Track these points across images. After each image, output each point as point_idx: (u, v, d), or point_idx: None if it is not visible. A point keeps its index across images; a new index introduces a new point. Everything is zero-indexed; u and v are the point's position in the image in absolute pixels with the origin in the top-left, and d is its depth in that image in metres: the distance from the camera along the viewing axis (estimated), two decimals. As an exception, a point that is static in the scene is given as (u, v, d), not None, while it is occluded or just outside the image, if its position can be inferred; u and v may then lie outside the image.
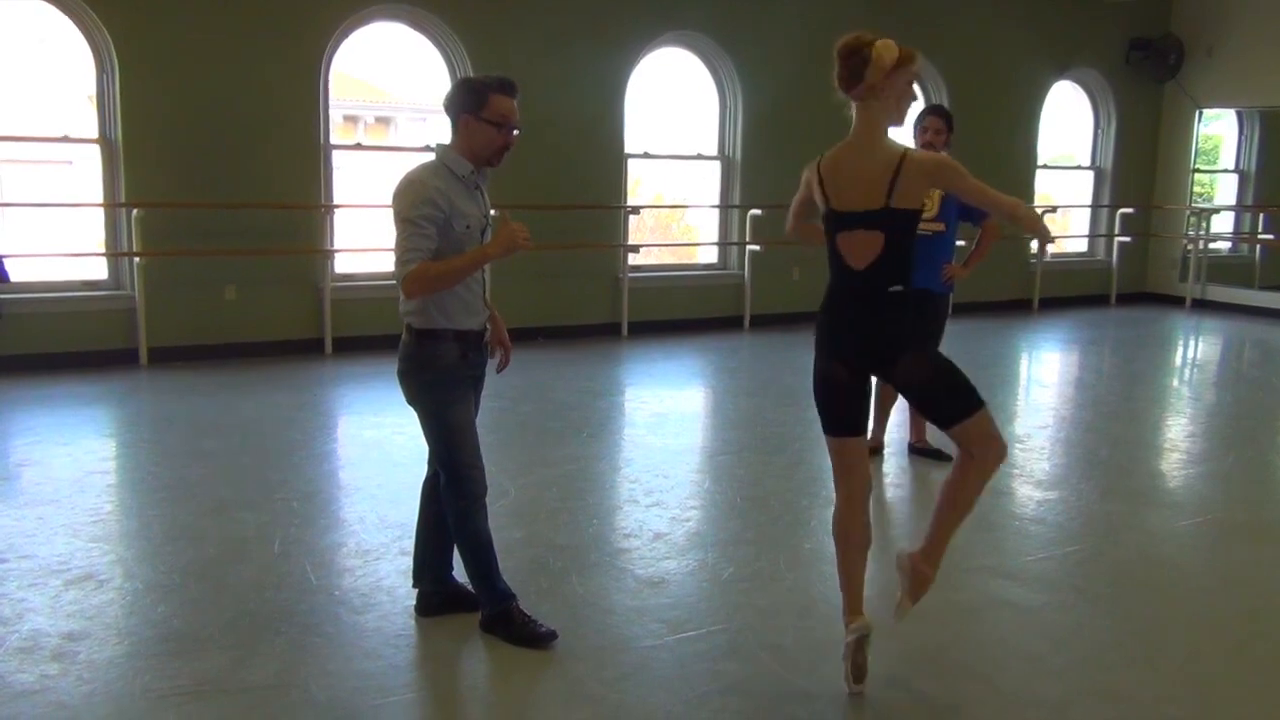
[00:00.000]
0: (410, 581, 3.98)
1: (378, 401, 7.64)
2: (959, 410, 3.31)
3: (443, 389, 3.63)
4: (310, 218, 8.88)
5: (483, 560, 3.74)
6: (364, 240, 11.01)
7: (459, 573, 3.93)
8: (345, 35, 9.03)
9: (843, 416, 3.45)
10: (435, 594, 3.93)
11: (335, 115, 10.16)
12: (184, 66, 8.30)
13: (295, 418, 6.98)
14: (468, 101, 3.52)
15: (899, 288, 3.35)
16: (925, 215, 5.88)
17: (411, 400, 3.71)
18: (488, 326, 3.77)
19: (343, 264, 9.36)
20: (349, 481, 5.78)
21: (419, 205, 3.45)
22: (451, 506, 3.71)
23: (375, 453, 6.17)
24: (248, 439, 6.36)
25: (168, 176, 8.32)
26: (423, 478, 3.95)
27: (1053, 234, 3.29)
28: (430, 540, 3.91)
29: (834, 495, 3.53)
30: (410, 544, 4.55)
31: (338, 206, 9.19)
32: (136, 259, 8.22)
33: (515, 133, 3.57)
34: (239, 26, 8.45)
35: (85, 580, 4.17)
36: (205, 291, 8.57)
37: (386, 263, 10.37)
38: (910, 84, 3.38)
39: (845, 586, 3.51)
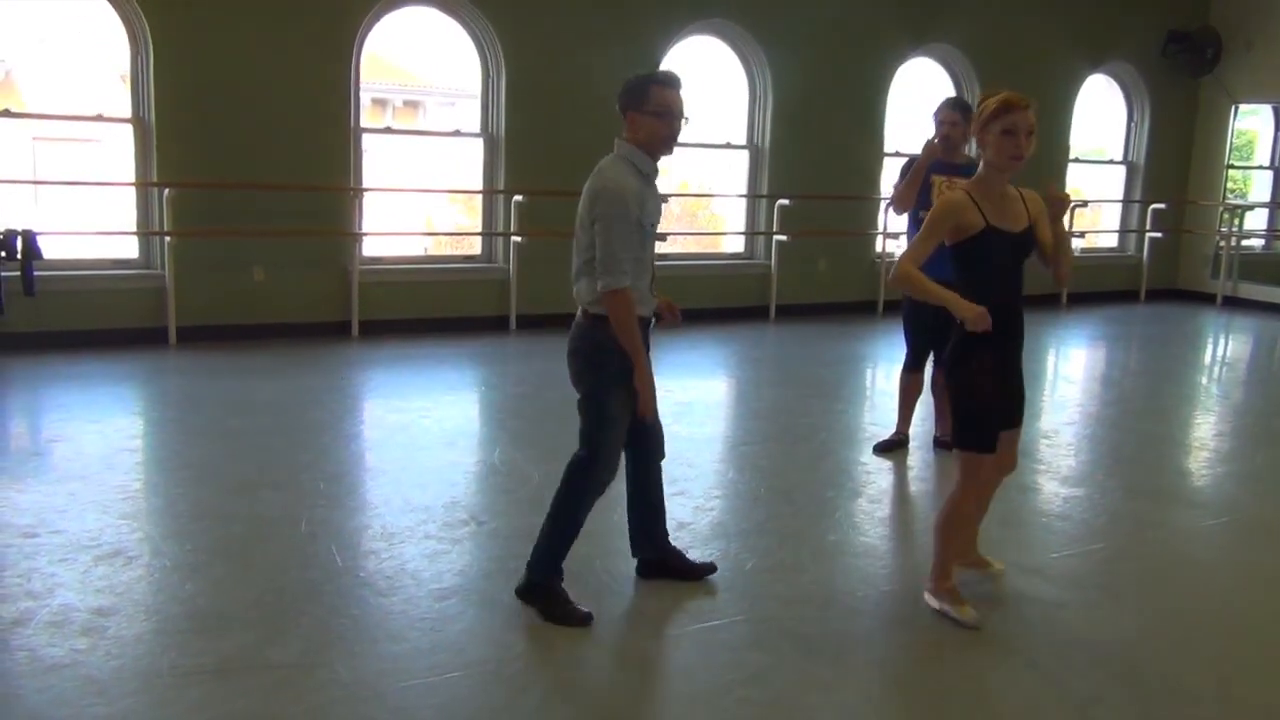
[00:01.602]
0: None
1: (404, 385, 7.69)
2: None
3: (610, 374, 3.77)
4: (339, 200, 8.92)
5: (560, 538, 3.85)
6: (392, 224, 11.06)
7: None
8: (378, 18, 9.04)
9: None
10: (654, 561, 4.15)
11: (364, 98, 10.17)
12: (217, 47, 8.34)
13: (322, 400, 7.02)
14: (631, 98, 3.74)
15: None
16: None
17: (577, 380, 3.87)
18: (654, 316, 3.95)
19: (371, 247, 9.40)
20: (375, 464, 5.81)
21: (626, 208, 3.66)
22: (572, 479, 3.84)
23: (401, 436, 6.20)
24: (274, 420, 6.40)
25: (199, 157, 8.37)
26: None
27: (981, 322, 3.78)
28: (640, 509, 4.11)
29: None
30: (435, 528, 4.62)
31: (367, 190, 9.22)
32: (167, 238, 8.28)
33: (684, 122, 3.77)
34: (273, 7, 8.48)
35: (114, 556, 4.21)
36: (234, 272, 8.63)
37: (414, 246, 10.44)
38: (1002, 133, 3.71)
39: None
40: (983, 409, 3.81)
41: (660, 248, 10.24)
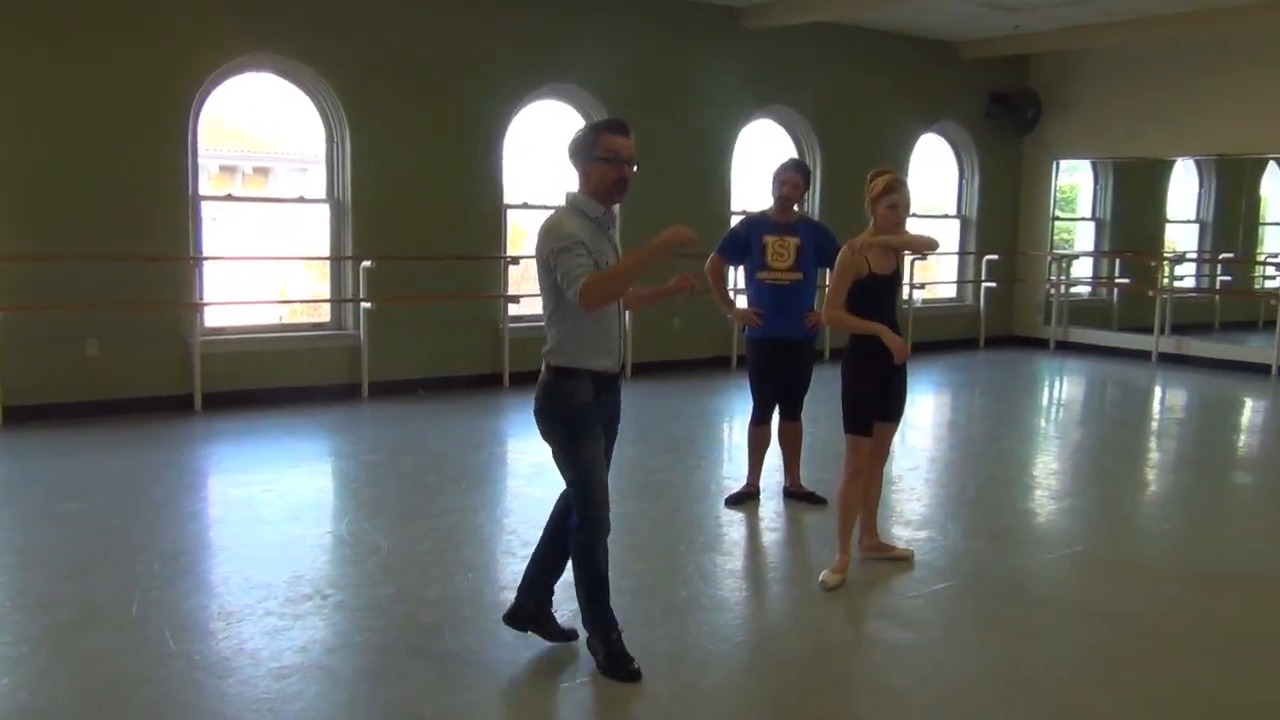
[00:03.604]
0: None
1: (248, 458, 7.45)
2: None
3: (577, 425, 3.84)
4: (178, 270, 8.64)
5: (594, 591, 3.91)
6: (239, 293, 10.76)
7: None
8: (215, 85, 8.86)
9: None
10: (525, 611, 4.10)
11: (211, 165, 9.93)
12: (42, 112, 8.04)
13: (162, 476, 6.74)
14: (583, 145, 3.78)
15: None
16: (782, 265, 6.07)
17: (546, 436, 3.93)
18: (621, 373, 3.99)
19: (216, 317, 9.13)
20: (215, 541, 5.60)
21: (566, 235, 3.67)
22: (575, 537, 3.92)
23: (243, 511, 5.99)
24: (110, 500, 6.11)
25: (24, 227, 8.02)
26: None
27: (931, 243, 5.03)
28: (546, 560, 4.12)
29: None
30: (276, 604, 4.47)
31: (207, 258, 8.98)
32: (-9, 314, 7.90)
33: (632, 168, 3.81)
34: (101, 73, 8.23)
35: (-76, 654, 3.94)
36: (66, 347, 8.26)
37: (263, 315, 10.16)
38: (889, 208, 4.90)
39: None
40: (860, 404, 4.95)
41: (514, 309, 10.33)
